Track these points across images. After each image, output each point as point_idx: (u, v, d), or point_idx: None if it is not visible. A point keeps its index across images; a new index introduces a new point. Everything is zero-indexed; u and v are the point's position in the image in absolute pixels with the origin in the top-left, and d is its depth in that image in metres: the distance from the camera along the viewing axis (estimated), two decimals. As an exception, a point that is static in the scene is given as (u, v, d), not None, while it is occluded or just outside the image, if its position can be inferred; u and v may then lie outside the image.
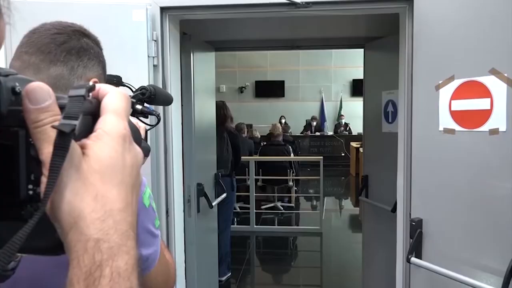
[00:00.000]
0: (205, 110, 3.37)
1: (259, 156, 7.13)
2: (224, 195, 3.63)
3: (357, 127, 12.78)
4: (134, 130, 0.47)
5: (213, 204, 3.32)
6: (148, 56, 2.01)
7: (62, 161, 0.37)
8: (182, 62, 2.72)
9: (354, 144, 11.08)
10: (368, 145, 3.55)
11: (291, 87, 14.36)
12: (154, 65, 2.06)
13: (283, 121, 12.90)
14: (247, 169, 6.53)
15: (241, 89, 14.45)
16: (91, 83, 0.42)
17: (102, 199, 0.39)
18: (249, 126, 12.44)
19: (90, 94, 0.42)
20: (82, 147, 0.40)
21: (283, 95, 14.37)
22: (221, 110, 4.01)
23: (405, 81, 2.11)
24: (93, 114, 0.42)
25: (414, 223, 1.90)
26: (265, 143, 8.42)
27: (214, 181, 3.49)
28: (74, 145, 0.39)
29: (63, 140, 0.37)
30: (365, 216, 3.64)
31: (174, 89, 2.28)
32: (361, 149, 9.24)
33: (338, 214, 7.76)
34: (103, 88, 0.44)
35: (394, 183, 2.31)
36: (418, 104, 1.92)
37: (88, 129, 0.41)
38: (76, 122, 0.38)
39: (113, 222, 0.38)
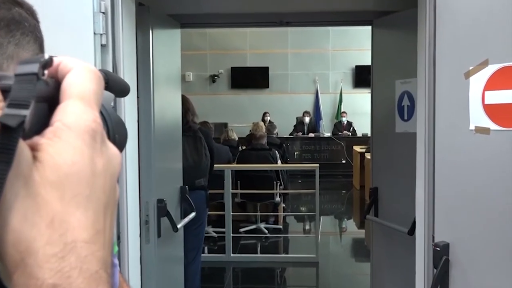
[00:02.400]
0: (169, 104, 3.34)
1: (237, 164, 7.12)
2: (193, 214, 3.60)
3: (362, 127, 12.94)
4: (116, 121, 0.43)
5: (179, 226, 3.29)
6: (94, 33, 1.98)
7: (5, 169, 0.33)
8: (138, 42, 2.69)
9: (358, 149, 11.20)
10: (377, 150, 3.58)
11: (277, 75, 14.45)
12: (102, 45, 2.02)
13: (267, 118, 12.97)
14: (221, 180, 6.51)
15: (212, 78, 14.46)
16: (46, 56, 0.39)
17: (61, 226, 0.35)
18: (223, 126, 12.53)
19: (46, 71, 0.39)
20: (33, 149, 0.36)
21: (267, 86, 14.46)
22: (188, 105, 4.02)
23: (425, 67, 2.13)
24: (50, 100, 0.39)
25: (438, 249, 1.91)
26: (244, 147, 8.42)
27: (180, 197, 3.45)
28: (23, 146, 0.35)
29: (8, 138, 0.33)
30: (374, 241, 3.66)
31: (128, 77, 2.25)
32: (367, 155, 9.35)
33: (338, 239, 7.81)
34: (64, 62, 0.41)
35: (412, 197, 2.33)
36: (442, 96, 1.94)
37: (42, 122, 0.38)
38: (27, 112, 0.34)
39: (76, 260, 0.35)
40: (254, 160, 7.04)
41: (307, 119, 13.40)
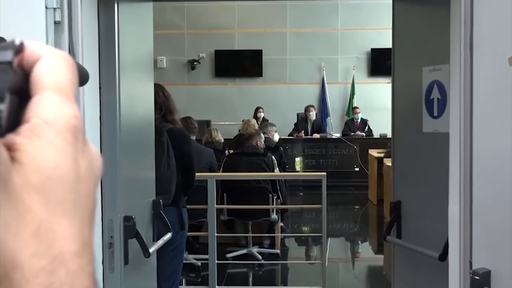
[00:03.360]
0: (139, 96, 3.34)
1: (223, 172, 7.12)
2: (169, 235, 3.60)
3: (379, 126, 13.00)
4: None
5: (151, 250, 3.29)
6: (47, 8, 1.98)
7: None
8: (100, 19, 2.69)
9: (374, 153, 11.25)
10: (399, 154, 3.60)
11: (273, 61, 14.50)
12: (55, 22, 2.03)
13: (260, 115, 13.01)
14: (203, 194, 6.51)
15: (192, 64, 14.49)
16: (17, 40, 0.40)
17: (47, 236, 0.37)
18: (205, 125, 12.52)
19: (15, 59, 0.40)
20: (10, 149, 0.38)
21: (260, 74, 14.50)
22: (156, 96, 4.02)
23: (460, 51, 2.15)
24: (18, 92, 0.40)
25: (477, 278, 1.93)
26: (231, 151, 8.41)
27: (153, 213, 3.46)
28: None
29: None
30: (395, 269, 3.68)
31: (88, 61, 2.25)
32: (386, 161, 9.38)
33: (350, 266, 7.83)
34: (31, 48, 0.42)
35: (444, 214, 2.35)
36: (481, 87, 1.96)
37: (14, 118, 0.39)
38: (2, 107, 0.36)
39: (66, 275, 0.37)
40: (245, 167, 7.03)
41: (311, 116, 13.43)
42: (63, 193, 0.39)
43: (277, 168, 7.40)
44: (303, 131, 13.36)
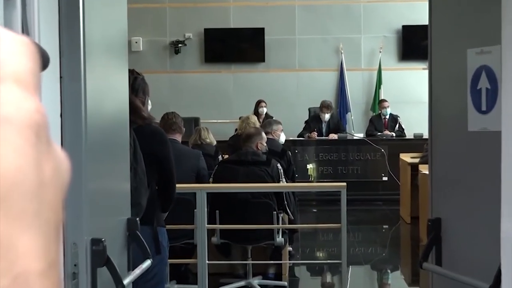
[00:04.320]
0: (110, 87, 3.35)
1: (214, 183, 7.10)
2: (148, 263, 3.61)
3: (414, 123, 13.01)
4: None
5: (125, 282, 3.29)
6: (-6, -23, 1.99)
7: None
8: (60, -10, 2.70)
9: (407, 158, 11.24)
10: (439, 159, 3.60)
11: (278, 42, 14.52)
12: (5, -5, 2.04)
13: (262, 111, 12.99)
14: (188, 210, 6.51)
15: (175, 47, 14.49)
16: None
17: (8, 252, 0.38)
18: (193, 123, 12.49)
19: None
20: None
21: (261, 59, 14.50)
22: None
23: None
24: None
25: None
26: (226, 156, 8.39)
27: (128, 235, 3.46)
28: None
29: None
30: (435, 303, 3.68)
31: (45, 45, 2.26)
32: (422, 167, 9.38)
33: (377, 301, 7.82)
34: None
35: (496, 234, 2.36)
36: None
37: None
38: None
39: None
40: (242, 177, 6.99)
41: (326, 114, 13.37)
42: (24, 202, 0.40)
43: (283, 178, 7.34)
44: (316, 131, 13.33)
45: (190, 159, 6.88)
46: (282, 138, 9.19)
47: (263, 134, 7.71)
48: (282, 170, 7.30)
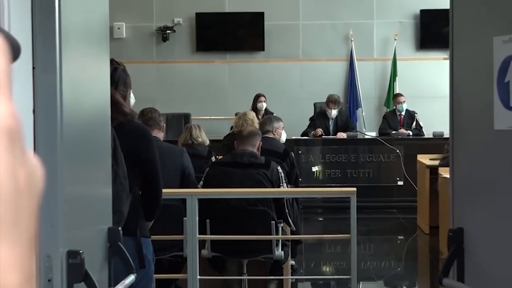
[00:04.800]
0: (89, 80, 3.35)
1: (205, 188, 7.09)
2: (131, 278, 3.62)
3: (433, 121, 13.02)
4: None
5: (106, 300, 3.29)
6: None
7: None
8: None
9: (426, 160, 11.24)
10: (462, 161, 3.61)
11: (280, 28, 14.52)
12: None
13: (262, 106, 12.96)
14: (174, 218, 6.51)
15: (163, 33, 14.48)
16: None
17: None
18: (183, 119, 12.48)
19: None
20: None
21: (261, 47, 14.51)
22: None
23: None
24: None
25: None
26: (220, 157, 8.38)
27: (110, 247, 3.46)
28: None
29: None
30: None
31: (16, 32, 2.26)
32: (443, 171, 9.38)
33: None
34: None
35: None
36: None
37: None
38: None
39: None
40: (237, 181, 6.99)
41: (333, 110, 13.32)
42: (2, 211, 0.40)
43: (284, 183, 7.28)
44: (321, 129, 13.25)
45: (173, 157, 6.87)
46: (283, 137, 9.17)
47: (260, 134, 7.68)
48: (283, 174, 7.22)
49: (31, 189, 0.44)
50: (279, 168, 7.19)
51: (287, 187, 7.50)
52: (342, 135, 13.16)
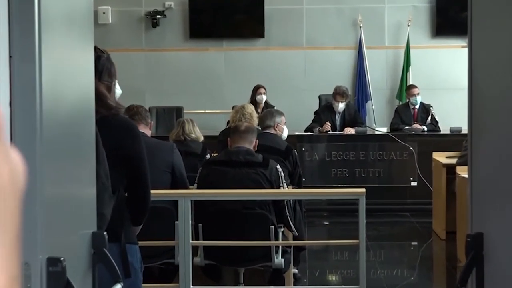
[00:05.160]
0: (71, 70, 3.35)
1: (198, 188, 7.08)
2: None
3: (450, 115, 13.03)
4: None
5: (90, 312, 3.30)
6: None
7: None
8: None
9: (442, 158, 11.24)
10: (482, 159, 3.61)
11: (282, 12, 14.54)
12: None
13: (261, 98, 12.95)
14: (167, 221, 6.52)
15: (153, 18, 14.47)
16: None
17: None
18: (174, 113, 12.47)
19: None
20: None
21: (260, 34, 14.51)
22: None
23: None
24: None
25: None
26: (215, 154, 8.37)
27: (94, 253, 3.47)
28: None
29: None
30: None
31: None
32: (461, 170, 9.37)
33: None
34: None
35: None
36: None
37: None
38: None
39: None
40: (232, 182, 6.96)
41: (340, 103, 13.28)
42: None
43: (285, 185, 7.23)
44: (327, 124, 13.22)
45: (162, 153, 6.86)
46: (285, 133, 9.14)
47: (256, 129, 7.64)
48: (283, 173, 7.20)
49: (13, 187, 0.44)
50: (278, 167, 7.17)
51: (288, 187, 7.50)
52: (350, 130, 13.18)
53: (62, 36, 3.25)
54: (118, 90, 4.57)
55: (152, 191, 4.65)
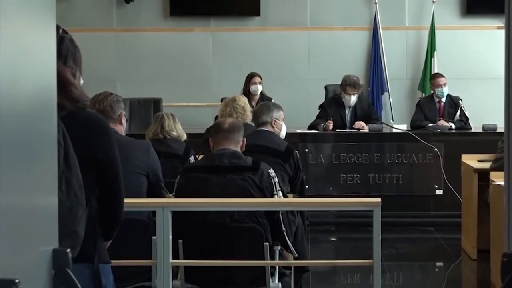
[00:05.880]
0: (28, 53, 3.36)
1: (177, 196, 7.09)
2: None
3: (483, 112, 13.06)
4: None
5: None
6: None
7: None
8: None
9: (473, 162, 11.25)
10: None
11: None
12: None
13: (256, 89, 12.94)
14: (139, 237, 6.54)
15: (125, -8, 14.53)
16: None
17: None
18: (153, 107, 12.51)
19: None
20: None
21: (256, 12, 14.52)
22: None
23: None
24: None
25: None
26: (201, 156, 8.38)
27: (55, 274, 3.48)
28: None
29: None
30: None
31: None
32: (495, 177, 9.39)
33: None
34: None
35: None
36: None
37: None
38: None
39: None
40: (216, 190, 6.94)
41: (351, 96, 13.23)
42: None
43: (279, 193, 7.16)
44: (336, 120, 13.20)
45: (135, 154, 6.86)
46: (283, 131, 9.08)
47: (242, 126, 7.50)
48: (277, 179, 7.12)
49: None
50: (271, 171, 7.09)
51: (288, 196, 7.46)
52: (362, 127, 13.16)
53: (18, 13, 3.26)
54: (81, 80, 4.54)
55: (127, 200, 4.66)
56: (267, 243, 6.77)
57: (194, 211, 6.90)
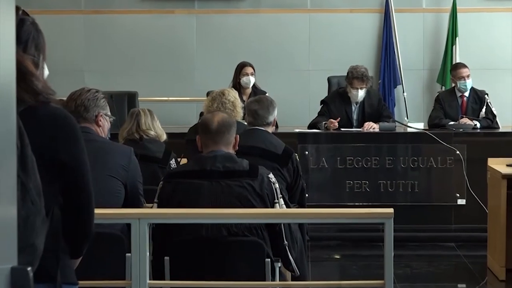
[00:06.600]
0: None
1: (160, 206, 7.10)
2: None
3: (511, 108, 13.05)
4: None
5: None
6: None
7: None
8: None
9: (501, 166, 11.23)
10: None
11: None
12: None
13: (248, 81, 12.96)
14: (114, 253, 6.56)
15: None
16: None
17: None
18: (127, 102, 12.54)
19: None
20: None
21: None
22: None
23: None
24: None
25: None
26: (184, 160, 8.40)
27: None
28: None
29: None
30: None
31: None
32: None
33: None
34: None
35: None
36: None
37: None
38: None
39: None
40: (209, 199, 6.95)
41: (359, 90, 13.23)
42: None
43: (281, 201, 7.16)
44: (341, 118, 13.16)
45: (111, 158, 6.87)
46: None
47: (235, 122, 7.39)
48: (277, 184, 7.09)
49: None
50: (271, 175, 7.06)
51: (285, 205, 7.46)
52: (372, 126, 13.11)
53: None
54: (45, 71, 4.51)
55: (96, 211, 4.62)
56: (269, 259, 6.74)
57: (184, 224, 6.83)
